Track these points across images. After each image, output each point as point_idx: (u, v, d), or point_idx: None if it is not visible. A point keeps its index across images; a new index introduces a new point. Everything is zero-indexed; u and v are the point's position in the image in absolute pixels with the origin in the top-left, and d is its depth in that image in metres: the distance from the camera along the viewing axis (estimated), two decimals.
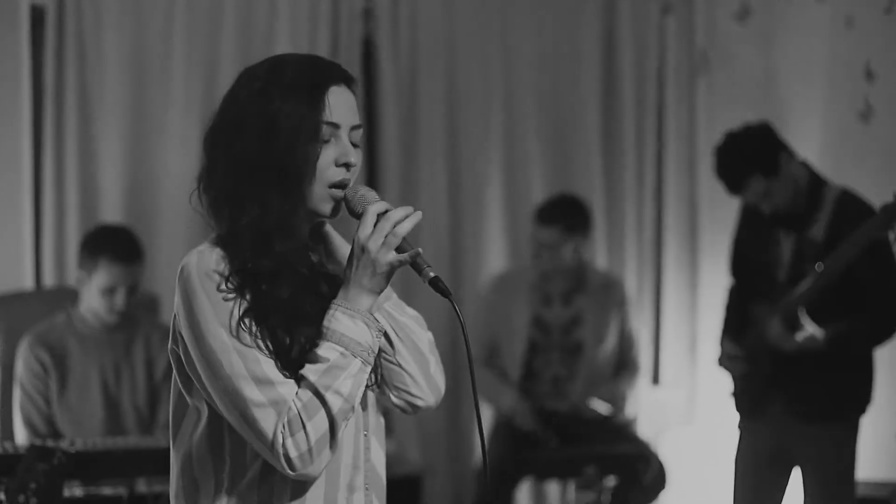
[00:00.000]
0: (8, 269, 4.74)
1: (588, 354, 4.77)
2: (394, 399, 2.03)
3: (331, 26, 5.06)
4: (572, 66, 5.29)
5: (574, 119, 5.30)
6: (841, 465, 3.64)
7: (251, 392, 1.85)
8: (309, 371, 1.87)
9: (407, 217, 1.90)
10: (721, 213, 4.92)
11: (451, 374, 5.13)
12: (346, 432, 1.93)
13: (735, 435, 3.87)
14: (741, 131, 3.77)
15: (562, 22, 5.28)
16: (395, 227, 1.88)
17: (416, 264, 1.90)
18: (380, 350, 1.97)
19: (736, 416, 3.90)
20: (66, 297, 4.10)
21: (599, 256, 5.26)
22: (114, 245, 3.96)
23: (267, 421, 1.85)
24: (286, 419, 1.85)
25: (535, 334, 4.79)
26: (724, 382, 3.98)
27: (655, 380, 5.36)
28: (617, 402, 4.78)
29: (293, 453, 1.84)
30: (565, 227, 4.69)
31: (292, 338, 1.88)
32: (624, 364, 4.85)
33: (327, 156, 1.93)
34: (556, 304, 4.81)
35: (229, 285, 1.88)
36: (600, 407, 4.72)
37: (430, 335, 2.07)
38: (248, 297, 1.88)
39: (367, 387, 1.94)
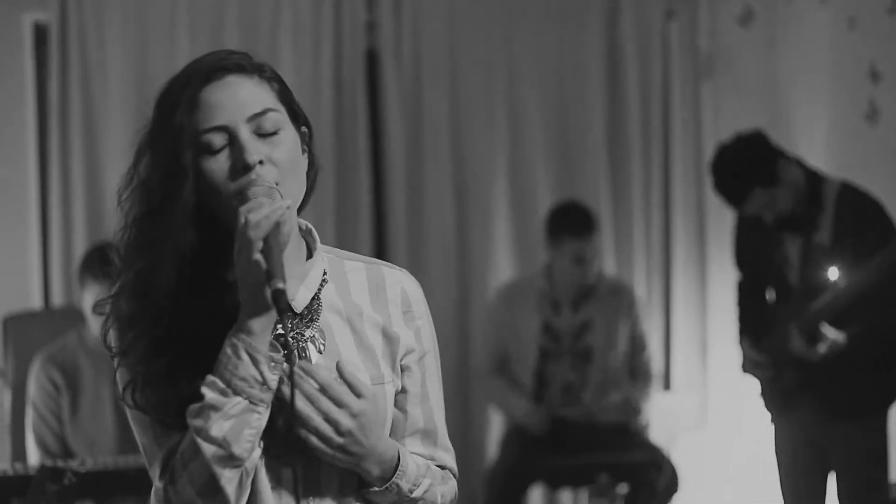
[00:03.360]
0: (17, 288, 4.74)
1: (599, 360, 4.76)
2: None
3: (334, 39, 5.07)
4: (577, 73, 5.29)
5: (580, 125, 5.30)
6: (872, 461, 3.61)
7: (144, 436, 1.71)
8: (188, 412, 1.63)
9: (265, 216, 1.59)
10: (729, 217, 4.90)
11: (461, 382, 5.19)
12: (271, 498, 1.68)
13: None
14: (733, 144, 3.68)
15: (566, 29, 5.27)
16: (251, 230, 1.58)
17: (266, 271, 1.58)
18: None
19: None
20: (76, 316, 4.09)
21: (608, 262, 5.25)
22: (97, 264, 3.94)
23: (153, 467, 1.68)
24: (172, 464, 1.65)
25: (546, 342, 4.79)
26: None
27: (667, 385, 5.35)
28: (631, 412, 4.77)
29: (175, 502, 1.64)
30: (579, 235, 4.68)
31: (166, 414, 1.67)
32: (636, 372, 4.83)
33: (219, 168, 1.65)
34: (565, 310, 4.80)
35: (113, 348, 1.71)
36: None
37: (442, 495, 1.78)
38: (128, 363, 1.69)
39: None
